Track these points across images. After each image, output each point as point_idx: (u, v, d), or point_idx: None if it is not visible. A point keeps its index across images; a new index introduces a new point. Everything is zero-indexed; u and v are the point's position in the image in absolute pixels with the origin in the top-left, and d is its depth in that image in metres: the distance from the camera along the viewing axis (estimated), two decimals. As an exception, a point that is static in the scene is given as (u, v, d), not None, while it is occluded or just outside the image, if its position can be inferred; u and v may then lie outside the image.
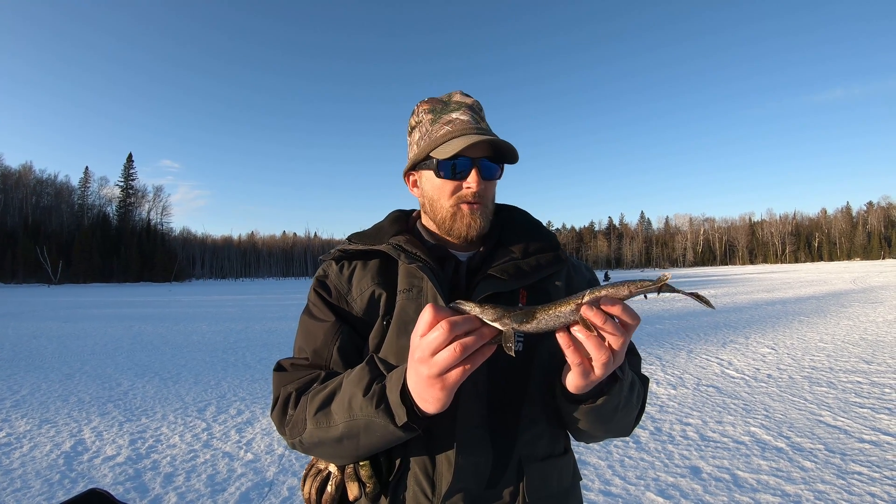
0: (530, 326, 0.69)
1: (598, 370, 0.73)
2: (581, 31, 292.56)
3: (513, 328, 0.69)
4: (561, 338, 0.71)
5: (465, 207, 0.99)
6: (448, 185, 0.99)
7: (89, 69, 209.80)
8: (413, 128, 1.07)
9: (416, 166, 1.05)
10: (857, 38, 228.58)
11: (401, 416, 0.77)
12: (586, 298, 0.68)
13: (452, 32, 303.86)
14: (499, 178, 1.03)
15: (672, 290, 0.67)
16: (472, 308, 0.69)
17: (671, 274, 0.67)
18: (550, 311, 0.69)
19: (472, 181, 0.97)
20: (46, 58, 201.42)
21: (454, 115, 1.00)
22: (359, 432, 0.82)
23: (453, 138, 0.96)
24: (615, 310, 0.68)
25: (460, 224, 0.99)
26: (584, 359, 0.72)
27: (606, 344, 0.70)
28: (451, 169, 0.98)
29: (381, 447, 0.86)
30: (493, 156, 0.99)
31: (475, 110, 1.02)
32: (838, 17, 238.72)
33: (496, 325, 0.69)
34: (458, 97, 1.04)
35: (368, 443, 0.84)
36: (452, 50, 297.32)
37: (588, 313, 0.67)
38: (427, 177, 1.02)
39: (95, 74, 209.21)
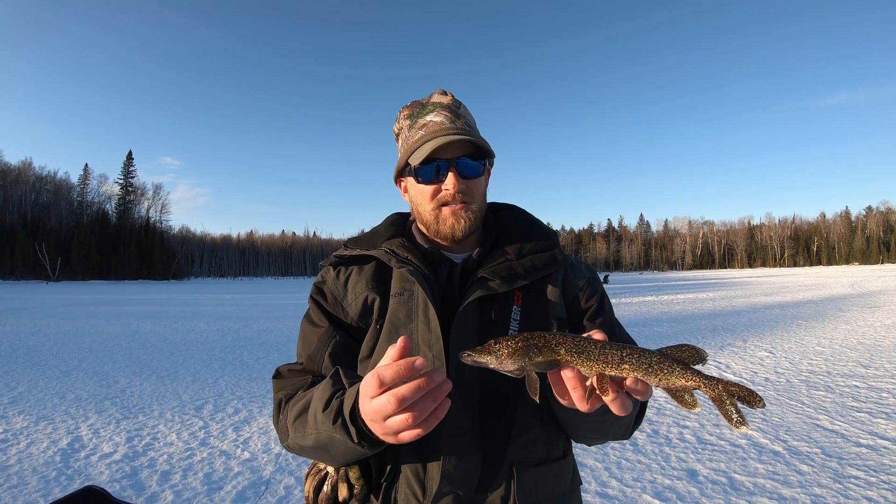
0: (552, 369, 0.67)
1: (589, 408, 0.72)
2: (582, 34, 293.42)
3: (536, 373, 0.66)
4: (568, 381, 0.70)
5: (446, 209, 0.98)
6: (428, 189, 0.98)
7: (90, 66, 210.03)
8: (397, 135, 1.08)
9: (401, 173, 1.06)
10: (864, 41, 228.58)
11: (353, 435, 0.75)
12: (618, 371, 0.66)
13: (453, 34, 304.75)
14: (483, 174, 1.01)
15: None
16: (489, 360, 0.66)
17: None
18: (575, 363, 0.67)
19: (449, 183, 0.96)
20: (47, 55, 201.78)
21: (428, 118, 0.99)
22: (326, 444, 0.82)
23: (426, 142, 0.95)
24: (644, 392, 0.70)
25: (444, 226, 0.99)
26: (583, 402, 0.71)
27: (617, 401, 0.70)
28: (428, 173, 0.97)
29: (353, 458, 0.85)
30: (474, 153, 0.98)
31: (451, 109, 1.00)
32: (846, 20, 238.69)
33: (518, 374, 0.67)
34: (435, 97, 1.03)
35: (338, 453, 0.82)
36: (454, 51, 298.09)
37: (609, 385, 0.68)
38: (411, 183, 1.02)
39: (96, 71, 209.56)
